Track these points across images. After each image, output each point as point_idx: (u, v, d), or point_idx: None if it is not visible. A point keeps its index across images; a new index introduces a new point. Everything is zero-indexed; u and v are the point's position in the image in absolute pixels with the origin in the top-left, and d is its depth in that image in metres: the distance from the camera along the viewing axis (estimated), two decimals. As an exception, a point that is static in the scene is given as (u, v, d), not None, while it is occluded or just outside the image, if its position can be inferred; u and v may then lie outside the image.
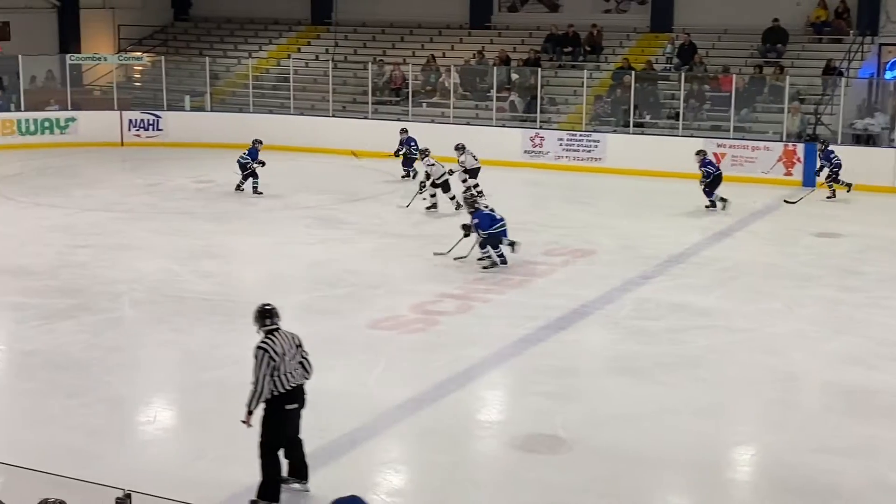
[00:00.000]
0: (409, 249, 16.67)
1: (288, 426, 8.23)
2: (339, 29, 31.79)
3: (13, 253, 15.87)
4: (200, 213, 19.24)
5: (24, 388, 10.87)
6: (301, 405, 8.34)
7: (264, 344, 8.09)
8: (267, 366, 8.00)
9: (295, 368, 8.24)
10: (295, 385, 8.21)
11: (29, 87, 28.20)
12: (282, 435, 8.20)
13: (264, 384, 8.00)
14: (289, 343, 8.23)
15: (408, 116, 26.98)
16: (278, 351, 8.08)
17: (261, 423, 8.15)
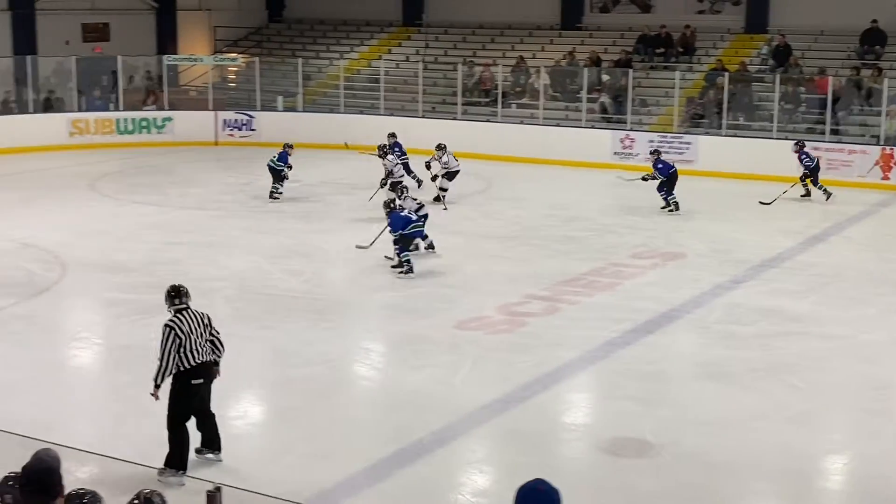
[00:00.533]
0: (496, 250, 16.66)
1: (194, 400, 8.63)
2: (430, 30, 31.92)
3: (111, 249, 16.24)
4: (290, 211, 19.47)
5: (120, 381, 11.11)
6: (208, 380, 8.73)
7: (171, 322, 8.56)
8: (172, 342, 8.46)
9: (203, 346, 8.65)
10: (202, 361, 8.62)
11: (127, 87, 28.87)
12: (188, 408, 8.60)
13: (170, 359, 8.46)
14: (197, 322, 8.67)
15: (497, 118, 26.99)
16: (185, 329, 8.53)
17: (169, 396, 8.57)
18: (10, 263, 15.37)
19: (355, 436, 9.72)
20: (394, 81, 29.32)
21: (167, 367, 8.50)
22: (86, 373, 11.70)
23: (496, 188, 22.26)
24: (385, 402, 10.68)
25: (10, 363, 11.28)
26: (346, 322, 13.24)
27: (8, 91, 27.19)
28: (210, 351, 8.75)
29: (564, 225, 18.62)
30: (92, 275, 15.06)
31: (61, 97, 27.86)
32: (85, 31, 30.67)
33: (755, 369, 11.41)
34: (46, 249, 16.06)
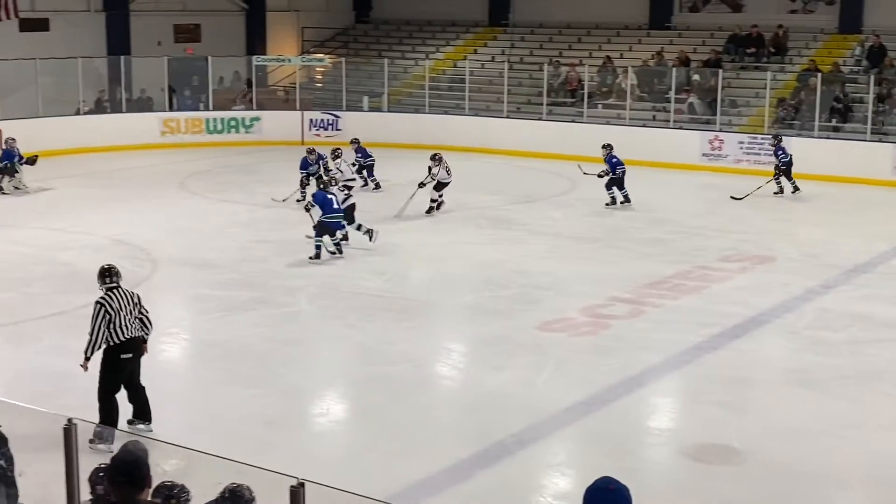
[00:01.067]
0: (580, 251, 16.55)
1: (123, 373, 9.24)
2: (516, 30, 31.85)
3: (200, 247, 16.50)
4: (374, 211, 19.54)
5: (205, 376, 11.29)
6: (137, 355, 9.34)
7: (102, 299, 9.19)
8: (102, 318, 9.08)
9: (132, 323, 9.24)
10: (131, 337, 9.22)
11: (217, 87, 29.34)
12: (117, 381, 9.22)
13: (99, 334, 9.09)
14: (127, 300, 9.27)
15: (582, 118, 26.83)
16: (114, 306, 9.14)
17: (100, 369, 9.19)
18: (102, 260, 15.56)
19: (437, 435, 9.72)
20: (479, 81, 29.32)
21: (97, 340, 9.13)
22: (173, 367, 11.88)
23: (581, 189, 22.09)
24: (467, 403, 10.67)
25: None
26: (428, 321, 13.26)
27: (102, 91, 27.83)
28: (139, 328, 9.33)
29: (650, 227, 18.42)
30: (181, 271, 15.32)
31: (152, 97, 28.42)
32: (177, 31, 31.25)
33: (845, 376, 11.15)
34: (137, 246, 16.37)
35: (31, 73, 25.27)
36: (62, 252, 16.05)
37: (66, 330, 12.38)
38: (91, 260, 15.55)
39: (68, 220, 18.22)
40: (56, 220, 18.18)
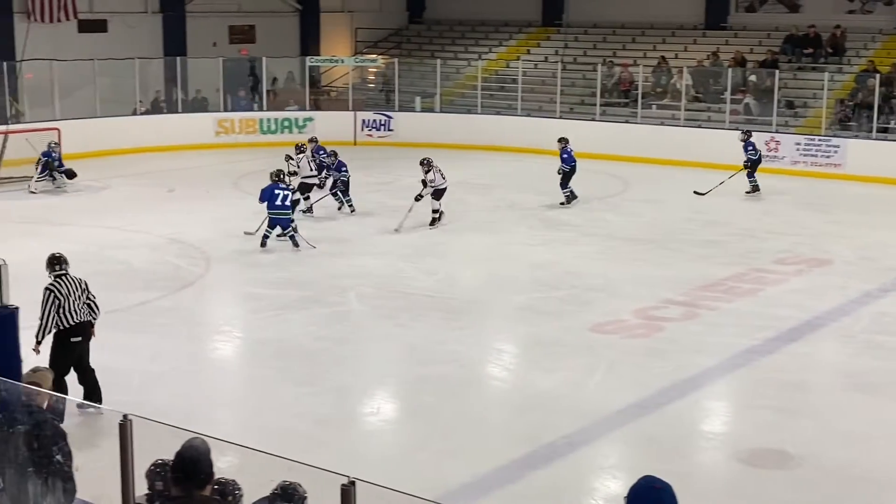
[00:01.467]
0: (633, 253, 16.43)
1: (72, 356, 9.64)
2: (570, 30, 31.73)
3: (252, 246, 16.61)
4: (426, 211, 19.56)
5: (257, 374, 11.36)
6: (86, 339, 9.77)
7: (51, 285, 9.65)
8: (52, 303, 9.52)
9: (80, 308, 9.71)
10: (79, 321, 9.68)
11: (271, 87, 29.55)
12: (67, 363, 9.58)
13: (49, 318, 9.51)
14: (75, 286, 9.76)
15: (636, 119, 26.66)
16: (63, 292, 9.61)
17: (50, 352, 9.51)
18: (157, 258, 15.88)
19: (487, 436, 9.70)
20: (532, 82, 29.24)
21: (47, 325, 9.54)
22: (226, 365, 11.99)
23: (634, 190, 21.98)
24: (517, 404, 10.63)
25: (155, 354, 11.64)
26: (479, 322, 13.24)
27: (158, 91, 28.14)
28: (87, 312, 9.80)
29: (704, 229, 18.25)
30: (233, 270, 15.45)
31: (207, 97, 28.70)
32: (231, 32, 31.52)
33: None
34: (191, 245, 16.53)
35: (90, 74, 25.62)
36: (118, 250, 16.24)
37: (121, 327, 12.52)
38: (146, 259, 15.77)
39: (124, 218, 18.45)
40: (112, 219, 18.42)
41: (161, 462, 5.62)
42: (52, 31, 26.37)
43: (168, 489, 5.58)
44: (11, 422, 5.94)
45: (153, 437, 5.25)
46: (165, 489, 5.61)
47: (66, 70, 25.38)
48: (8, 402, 6.12)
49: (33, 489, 5.66)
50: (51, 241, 16.84)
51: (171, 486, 4.88)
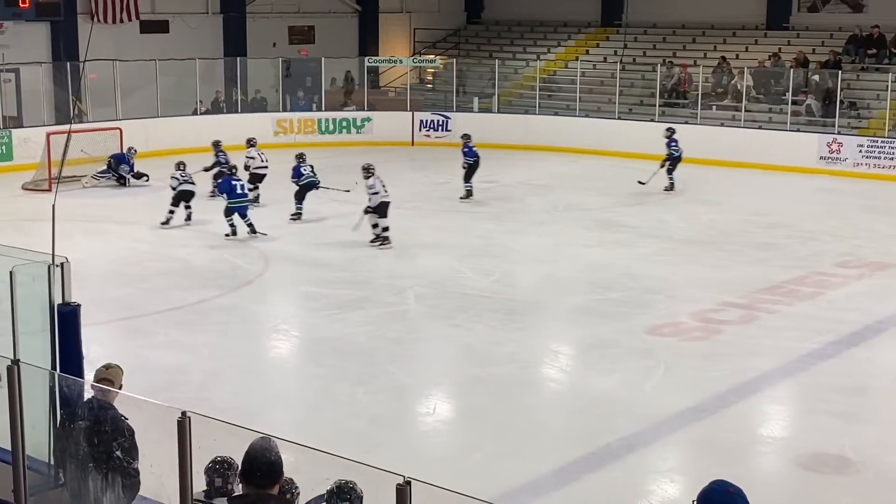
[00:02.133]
0: (691, 255, 16.28)
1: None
2: (629, 31, 31.52)
3: (310, 245, 16.73)
4: (483, 212, 19.58)
5: (313, 373, 11.43)
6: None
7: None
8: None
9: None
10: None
11: (329, 88, 29.73)
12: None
13: None
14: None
15: (696, 119, 26.41)
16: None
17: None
18: (216, 257, 16.04)
19: (542, 437, 9.67)
20: (590, 83, 29.11)
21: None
22: (283, 363, 12.08)
23: (693, 191, 21.77)
24: (573, 406, 10.58)
25: (213, 352, 11.76)
26: (535, 323, 13.20)
27: (219, 91, 28.43)
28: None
29: (764, 231, 18.03)
30: (291, 269, 15.56)
31: (266, 97, 28.94)
32: (291, 33, 31.77)
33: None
34: (250, 244, 16.68)
35: (151, 74, 25.97)
36: (177, 249, 16.44)
37: (180, 325, 12.69)
38: (205, 257, 15.94)
39: (184, 217, 18.63)
40: (172, 218, 18.61)
41: (220, 459, 5.68)
42: (114, 31, 26.77)
43: (226, 486, 5.63)
44: (72, 417, 6.03)
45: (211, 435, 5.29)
46: (223, 486, 5.66)
47: (128, 70, 25.74)
48: (69, 397, 6.21)
49: (93, 485, 5.74)
50: (113, 239, 17.15)
51: (241, 483, 4.91)
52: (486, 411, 10.15)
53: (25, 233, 14.97)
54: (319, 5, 32.08)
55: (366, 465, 4.57)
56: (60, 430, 6.37)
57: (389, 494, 4.08)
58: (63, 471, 6.42)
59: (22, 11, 24.91)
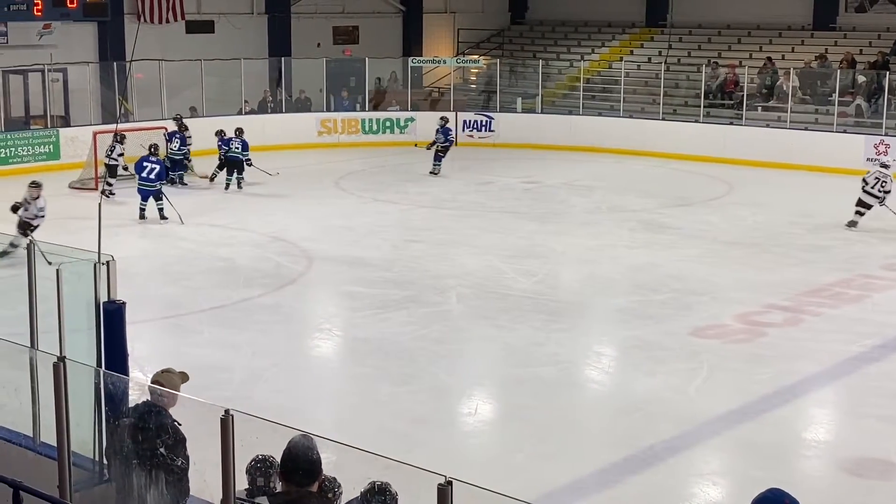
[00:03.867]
0: (735, 257, 16.15)
1: None
2: (674, 31, 31.33)
3: (353, 245, 16.79)
4: (526, 212, 19.54)
5: (356, 372, 11.46)
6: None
7: None
8: None
9: None
10: None
11: (373, 88, 29.81)
12: None
13: None
14: None
15: (741, 120, 26.19)
16: None
17: None
18: (260, 255, 16.14)
19: (585, 439, 9.63)
20: (634, 83, 28.96)
21: None
22: (325, 362, 12.12)
23: (738, 193, 21.60)
24: (616, 407, 10.53)
25: (256, 351, 11.83)
26: (578, 324, 13.15)
27: (266, 91, 28.60)
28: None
29: (810, 233, 17.84)
30: (334, 269, 15.61)
31: (311, 97, 29.08)
32: (335, 33, 31.90)
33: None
34: (293, 243, 16.77)
35: (197, 74, 26.18)
36: (222, 248, 16.56)
37: (223, 323, 12.77)
38: (249, 256, 16.04)
39: (228, 217, 18.81)
40: (217, 217, 18.79)
41: (262, 457, 5.70)
42: (160, 31, 27.03)
43: (268, 484, 5.66)
44: (117, 414, 6.08)
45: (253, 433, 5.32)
46: (265, 484, 5.69)
47: (175, 70, 25.97)
48: (114, 394, 6.27)
49: (137, 481, 5.79)
50: (157, 238, 17.31)
51: (281, 481, 4.93)
52: (528, 412, 10.13)
53: (72, 231, 15.13)
54: (364, 6, 32.18)
55: (407, 464, 4.57)
56: (105, 426, 6.43)
57: (431, 494, 4.08)
58: (108, 467, 6.48)
59: (70, 12, 25.20)
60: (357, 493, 5.48)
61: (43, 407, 6.55)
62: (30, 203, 15.42)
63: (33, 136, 23.68)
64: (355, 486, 5.55)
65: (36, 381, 6.62)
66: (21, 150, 23.25)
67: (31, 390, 6.71)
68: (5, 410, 7.05)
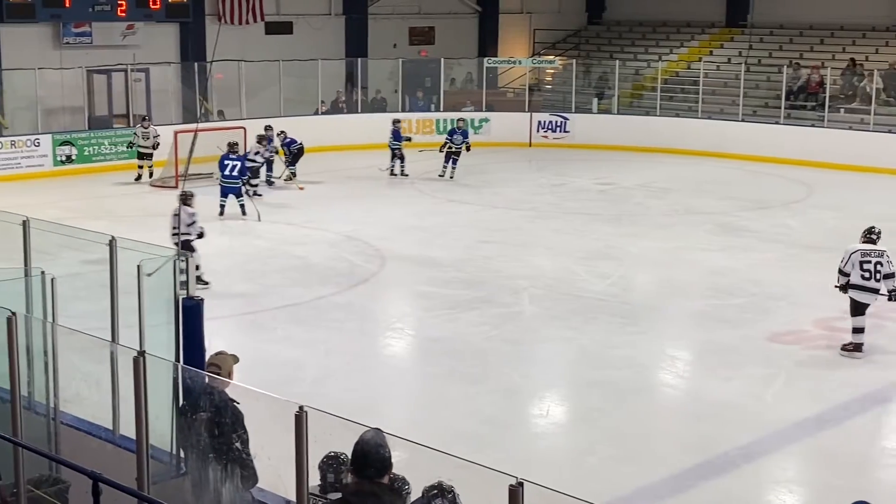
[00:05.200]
0: (815, 261, 15.83)
1: None
2: (755, 31, 30.87)
3: (426, 245, 16.83)
4: (601, 214, 19.41)
5: (427, 372, 11.49)
6: None
7: None
8: None
9: None
10: None
11: (448, 88, 29.87)
12: None
13: None
14: None
15: (823, 122, 25.72)
16: None
17: None
18: (334, 254, 16.26)
19: (658, 443, 9.54)
20: (713, 84, 28.60)
21: None
22: (397, 362, 12.17)
23: (818, 196, 21.22)
24: (690, 412, 10.41)
25: (329, 349, 11.92)
26: (652, 327, 13.02)
27: (339, 91, 28.82)
28: None
29: (892, 238, 17.41)
30: (407, 268, 15.67)
31: (386, 98, 29.23)
32: (411, 34, 32.02)
33: None
34: (367, 243, 16.86)
35: (275, 74, 26.47)
36: (297, 246, 16.72)
37: (297, 321, 12.90)
38: (324, 255, 16.17)
39: (304, 215, 18.98)
40: (293, 216, 18.98)
41: (333, 454, 5.74)
42: (240, 32, 27.37)
43: (339, 481, 5.70)
44: (195, 408, 6.17)
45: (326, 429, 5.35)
46: (336, 481, 5.73)
47: (254, 71, 26.30)
48: (192, 389, 6.36)
49: (213, 475, 5.87)
50: (235, 236, 17.54)
51: (352, 475, 4.96)
52: (601, 415, 10.06)
53: (152, 228, 15.39)
54: (440, 6, 32.25)
55: (478, 464, 4.56)
56: (182, 420, 6.53)
57: (501, 495, 4.07)
58: (185, 460, 6.58)
59: (153, 13, 25.65)
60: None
61: (122, 400, 6.67)
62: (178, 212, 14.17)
63: (116, 134, 24.17)
64: (422, 484, 5.56)
65: (116, 374, 6.75)
66: (104, 148, 23.75)
67: (111, 384, 6.85)
68: (86, 403, 7.19)
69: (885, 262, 11.56)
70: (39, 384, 7.10)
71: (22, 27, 24.00)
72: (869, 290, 11.49)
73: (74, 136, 23.52)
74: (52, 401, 7.10)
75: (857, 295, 11.51)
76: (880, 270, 11.46)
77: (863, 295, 11.50)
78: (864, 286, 11.46)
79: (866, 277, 11.47)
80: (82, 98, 24.47)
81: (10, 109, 24.03)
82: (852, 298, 11.56)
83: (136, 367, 5.61)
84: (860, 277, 11.49)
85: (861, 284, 11.47)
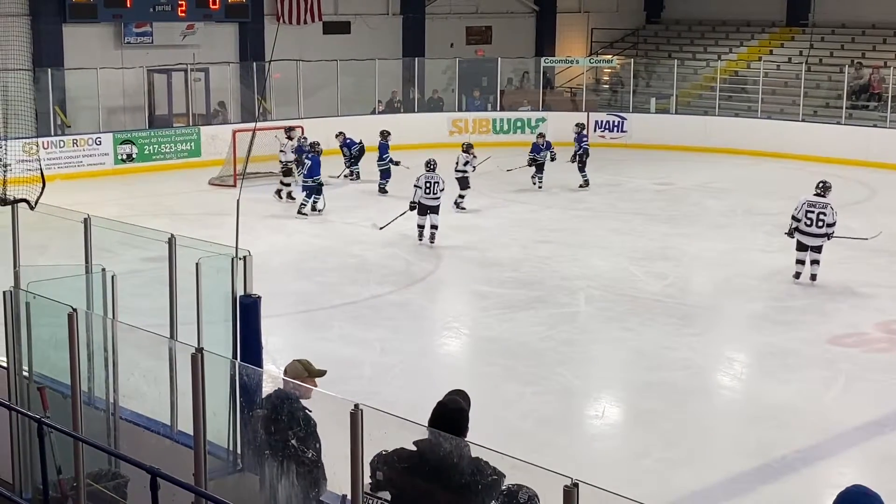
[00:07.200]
0: (878, 264, 15.62)
1: None
2: (816, 30, 30.47)
3: (483, 245, 16.82)
4: (658, 214, 19.27)
5: (483, 371, 11.47)
6: None
7: None
8: None
9: None
10: None
11: (505, 88, 29.83)
12: None
13: None
14: None
15: (885, 123, 25.32)
16: None
17: None
18: (391, 253, 16.31)
19: (714, 445, 9.45)
20: (773, 84, 28.27)
21: None
22: (452, 361, 12.17)
23: (881, 198, 20.88)
24: (748, 415, 10.30)
25: (385, 348, 11.96)
26: (710, 329, 12.91)
27: (395, 91, 28.91)
28: None
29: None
30: (464, 268, 15.67)
31: (443, 97, 29.25)
32: (468, 34, 32.02)
33: None
34: (422, 242, 16.87)
35: (333, 74, 26.62)
36: (354, 245, 16.79)
37: (353, 319, 12.95)
38: (380, 254, 16.23)
39: (361, 214, 19.05)
40: (350, 215, 19.06)
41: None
42: (298, 32, 27.55)
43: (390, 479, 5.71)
44: (251, 405, 6.22)
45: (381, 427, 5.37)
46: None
47: (312, 70, 26.46)
48: (249, 386, 6.41)
49: (269, 472, 5.91)
50: (292, 234, 17.66)
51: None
52: (657, 417, 9.99)
53: (210, 226, 15.57)
54: (497, 6, 32.22)
55: (533, 465, 4.55)
56: (240, 417, 6.58)
57: (556, 495, 4.06)
58: (242, 457, 6.64)
59: (212, 13, 25.93)
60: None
61: (180, 395, 6.75)
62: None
63: (176, 133, 24.46)
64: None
65: (175, 371, 6.82)
66: (164, 147, 24.05)
67: (169, 380, 6.92)
68: (145, 399, 7.28)
69: (828, 213, 14.34)
70: (99, 380, 7.20)
71: (84, 27, 24.38)
72: (810, 234, 14.28)
73: (135, 134, 23.86)
74: (111, 396, 7.19)
75: (802, 237, 14.34)
76: (823, 219, 14.24)
77: (805, 238, 14.31)
78: (806, 231, 14.31)
79: (808, 224, 14.29)
80: (143, 97, 24.80)
81: (72, 109, 24.41)
82: (798, 241, 14.37)
83: (193, 363, 5.67)
84: (804, 224, 14.32)
85: (804, 230, 14.32)
